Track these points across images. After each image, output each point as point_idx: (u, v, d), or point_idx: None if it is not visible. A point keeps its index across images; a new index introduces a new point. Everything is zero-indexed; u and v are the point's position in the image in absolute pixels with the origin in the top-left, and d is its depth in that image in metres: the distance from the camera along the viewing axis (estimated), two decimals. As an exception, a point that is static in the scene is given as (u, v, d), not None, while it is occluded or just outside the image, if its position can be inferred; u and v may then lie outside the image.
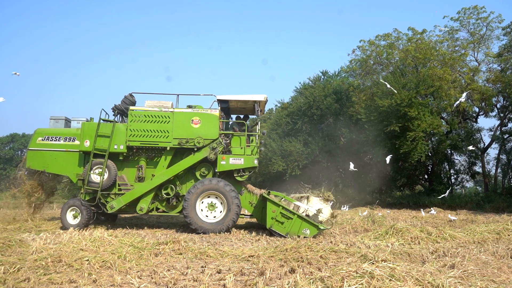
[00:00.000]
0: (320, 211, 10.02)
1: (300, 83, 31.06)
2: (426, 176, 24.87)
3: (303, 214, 9.61)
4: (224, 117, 11.07)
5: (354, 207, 18.64)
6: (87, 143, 10.25)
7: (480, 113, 23.99)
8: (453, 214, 15.01)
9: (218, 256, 6.62)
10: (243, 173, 10.47)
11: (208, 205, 10.09)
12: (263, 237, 9.26)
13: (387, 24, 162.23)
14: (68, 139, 10.42)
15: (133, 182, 10.46)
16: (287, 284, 4.47)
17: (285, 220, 9.48)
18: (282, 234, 9.43)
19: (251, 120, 17.81)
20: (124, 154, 10.39)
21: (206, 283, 4.86)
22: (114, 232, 8.70)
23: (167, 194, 10.43)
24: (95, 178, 10.16)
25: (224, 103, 10.88)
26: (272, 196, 10.22)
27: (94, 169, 10.17)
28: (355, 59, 25.26)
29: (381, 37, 23.94)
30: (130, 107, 10.41)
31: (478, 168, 24.68)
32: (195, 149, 10.32)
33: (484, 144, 23.97)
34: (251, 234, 9.76)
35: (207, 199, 10.12)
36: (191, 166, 10.50)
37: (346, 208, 17.51)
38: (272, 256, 6.41)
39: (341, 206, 17.58)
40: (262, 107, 11.32)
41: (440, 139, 22.30)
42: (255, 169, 10.72)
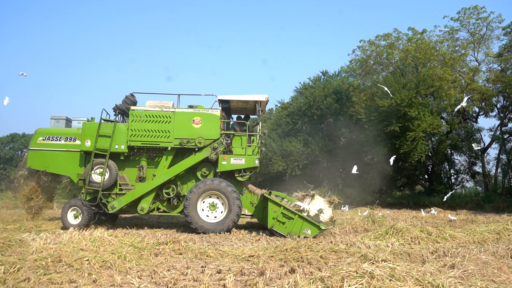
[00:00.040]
0: (322, 211, 10.02)
1: (300, 83, 31.09)
2: (426, 176, 24.87)
3: (304, 214, 9.61)
4: (225, 117, 11.08)
5: (354, 207, 18.66)
6: (88, 143, 10.25)
7: (480, 113, 24.00)
8: (453, 214, 15.02)
9: (218, 256, 6.62)
10: (244, 173, 10.47)
11: (209, 205, 10.10)
12: (263, 237, 9.26)
13: (387, 24, 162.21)
14: (69, 139, 10.42)
15: (134, 182, 10.46)
16: (287, 284, 4.47)
17: (286, 220, 9.48)
18: (283, 234, 9.43)
19: (252, 120, 17.83)
20: (125, 154, 10.40)
21: (206, 283, 4.87)
22: (114, 232, 8.70)
23: (168, 194, 10.44)
24: (96, 178, 10.16)
25: (225, 103, 10.89)
26: (273, 196, 10.23)
27: (95, 169, 10.17)
28: (355, 59, 25.30)
29: (381, 37, 23.97)
30: (131, 107, 10.41)
31: (478, 168, 24.71)
32: (196, 149, 10.32)
33: (484, 144, 23.98)
34: (251, 234, 9.77)
35: (209, 199, 10.13)
36: (192, 166, 10.50)
37: (346, 208, 17.53)
38: (272, 256, 6.41)
39: (341, 206, 17.57)
40: (263, 107, 11.32)
41: (440, 139, 22.30)
42: (256, 169, 10.73)
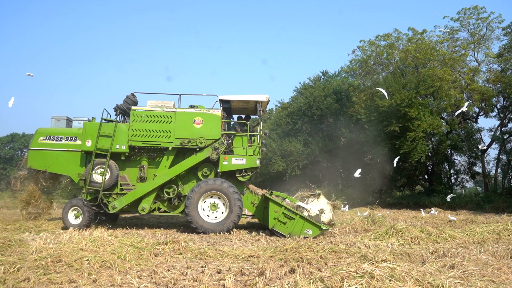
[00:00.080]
0: (323, 211, 10.01)
1: (300, 83, 31.07)
2: (426, 176, 24.87)
3: (306, 214, 9.60)
4: (226, 117, 11.08)
5: (354, 207, 18.64)
6: (89, 143, 10.25)
7: (480, 113, 24.00)
8: (453, 215, 15.01)
9: (218, 256, 6.62)
10: (245, 173, 10.46)
11: (210, 205, 10.10)
12: (263, 237, 9.27)
13: (387, 24, 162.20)
14: (70, 139, 10.41)
15: (135, 182, 10.46)
16: (287, 284, 4.47)
17: (288, 221, 9.47)
18: (284, 234, 9.42)
19: (252, 120, 17.83)
20: (126, 154, 10.40)
21: (206, 283, 4.87)
22: (114, 232, 8.69)
23: (169, 194, 10.44)
24: (97, 178, 10.16)
25: (226, 103, 10.89)
26: (274, 196, 10.23)
27: (96, 169, 10.17)
28: (355, 59, 25.29)
29: (381, 37, 23.96)
30: (132, 107, 10.40)
31: (478, 169, 24.72)
32: (197, 149, 10.32)
33: (484, 144, 23.99)
34: (251, 234, 9.76)
35: (210, 199, 10.13)
36: (193, 166, 10.50)
37: (346, 208, 17.50)
38: (272, 256, 6.41)
39: (341, 206, 17.54)
40: (264, 107, 11.32)
41: (440, 139, 22.30)
42: (257, 169, 10.72)
